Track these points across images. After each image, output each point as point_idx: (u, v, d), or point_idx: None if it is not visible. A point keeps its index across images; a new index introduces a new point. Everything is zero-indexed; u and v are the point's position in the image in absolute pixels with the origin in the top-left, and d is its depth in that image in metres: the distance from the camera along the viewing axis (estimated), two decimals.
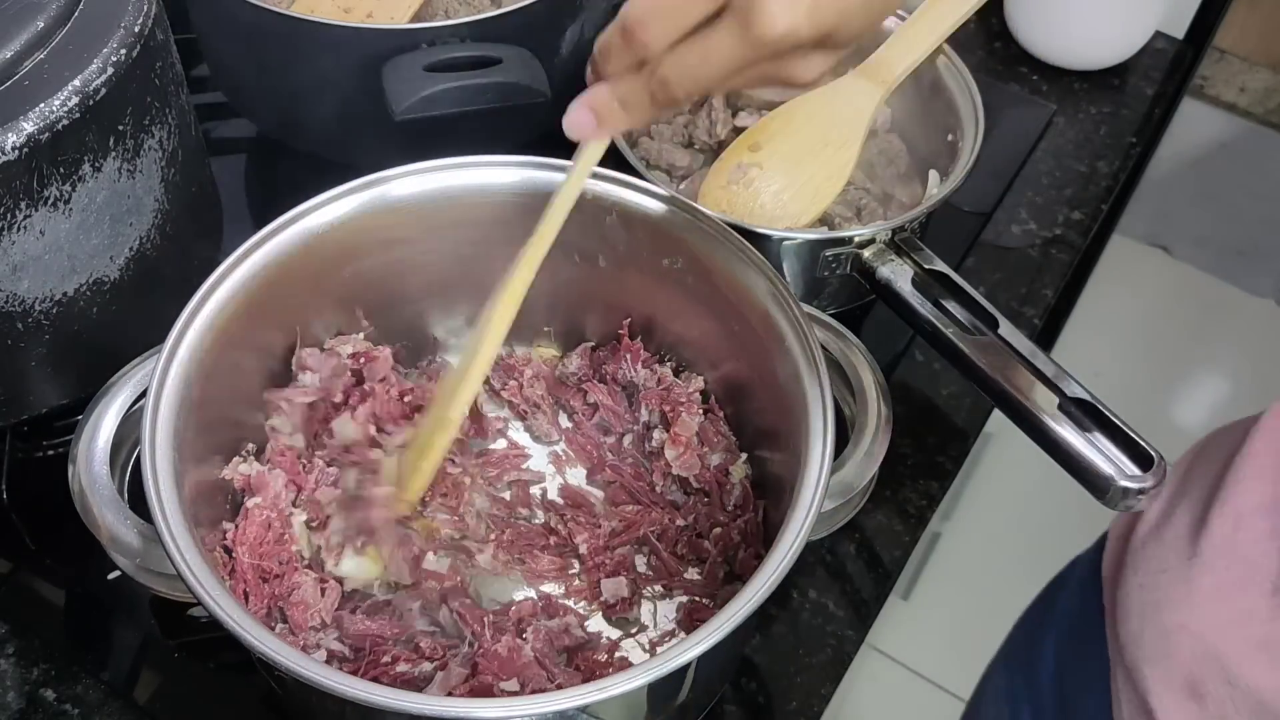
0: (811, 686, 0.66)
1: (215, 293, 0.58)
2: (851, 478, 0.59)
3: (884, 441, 0.60)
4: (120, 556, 0.56)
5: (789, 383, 0.58)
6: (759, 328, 0.60)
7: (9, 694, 0.63)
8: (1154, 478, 0.58)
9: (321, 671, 0.47)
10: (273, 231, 0.60)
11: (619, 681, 0.46)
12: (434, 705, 0.47)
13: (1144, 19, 1.01)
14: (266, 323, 0.62)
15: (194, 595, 0.48)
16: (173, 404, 0.54)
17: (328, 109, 0.79)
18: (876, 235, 0.71)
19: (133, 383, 0.59)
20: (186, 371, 0.56)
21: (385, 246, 0.64)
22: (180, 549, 0.50)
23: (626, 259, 0.65)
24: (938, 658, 1.55)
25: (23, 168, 0.55)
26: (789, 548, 0.50)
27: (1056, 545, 1.63)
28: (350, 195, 0.62)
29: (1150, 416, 1.76)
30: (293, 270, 0.61)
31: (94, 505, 0.55)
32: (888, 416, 0.61)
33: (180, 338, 0.56)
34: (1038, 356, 0.64)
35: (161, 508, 0.51)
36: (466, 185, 0.64)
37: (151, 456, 0.52)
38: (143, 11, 0.61)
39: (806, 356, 0.57)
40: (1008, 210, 0.92)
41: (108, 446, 0.57)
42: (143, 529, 0.55)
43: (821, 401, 0.55)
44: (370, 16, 0.82)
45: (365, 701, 0.45)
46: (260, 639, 0.47)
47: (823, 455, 0.53)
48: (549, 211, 0.56)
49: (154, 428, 0.53)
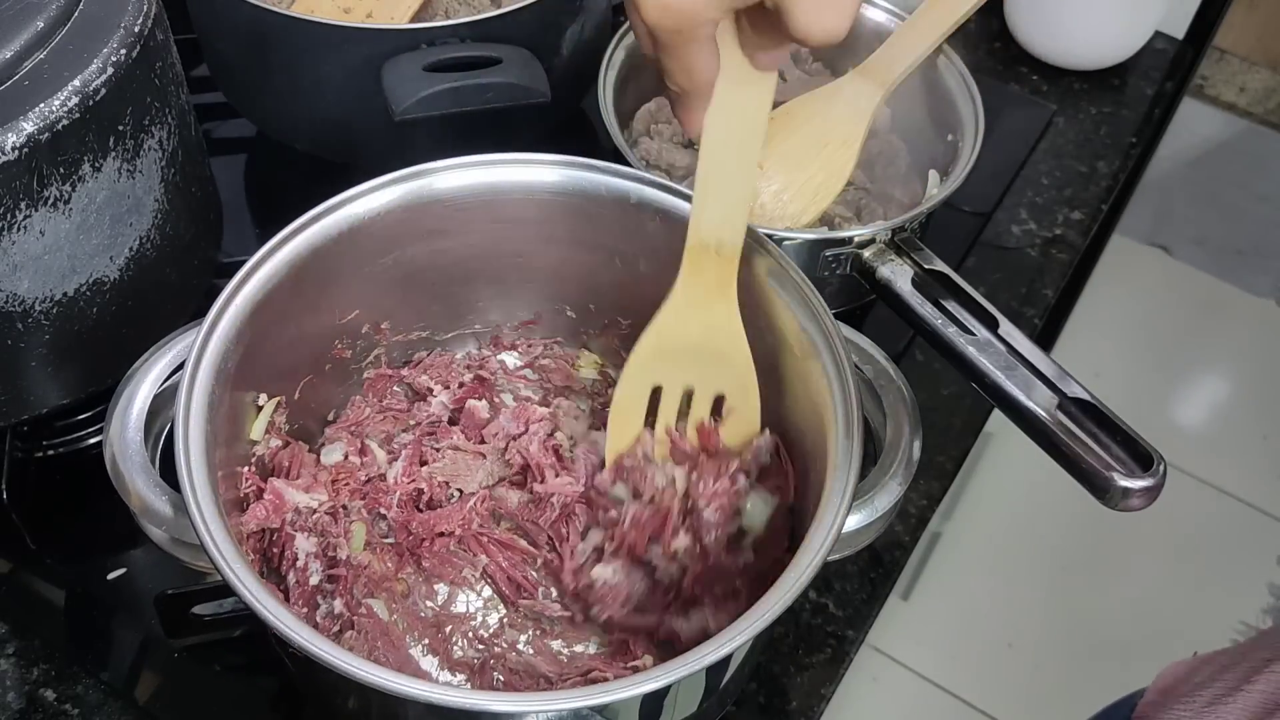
0: (811, 686, 0.66)
1: (259, 270, 0.58)
2: (876, 500, 0.58)
3: (911, 467, 0.59)
4: (151, 526, 0.55)
5: (820, 399, 0.57)
6: (793, 342, 0.60)
7: (9, 694, 0.63)
8: (1154, 478, 0.58)
9: (344, 657, 0.46)
10: (318, 215, 0.60)
11: (620, 686, 0.47)
12: (452, 696, 0.47)
13: (1144, 19, 1.01)
14: (307, 303, 0.62)
15: (214, 565, 0.49)
16: (208, 377, 0.55)
17: (328, 109, 0.79)
18: (876, 235, 0.71)
19: (169, 355, 0.59)
20: (225, 345, 0.56)
21: (428, 237, 0.65)
22: (205, 517, 0.50)
23: (668, 264, 0.65)
24: (938, 658, 1.55)
25: (23, 168, 0.55)
26: (804, 570, 0.50)
27: (1056, 545, 1.64)
28: (394, 185, 0.62)
29: (1150, 416, 1.77)
30: (335, 255, 0.61)
31: (125, 471, 0.55)
32: (917, 445, 0.60)
33: (222, 311, 0.56)
34: (1038, 356, 0.64)
35: (190, 477, 0.51)
36: (509, 182, 0.64)
37: (185, 425, 0.53)
38: (143, 11, 0.61)
39: (839, 375, 0.56)
40: (1008, 210, 0.92)
41: (143, 415, 0.57)
42: (173, 498, 0.55)
43: (849, 420, 0.55)
44: (370, 16, 0.82)
45: (395, 692, 0.45)
46: (276, 614, 0.47)
47: (847, 477, 0.53)
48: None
49: (189, 397, 0.54)
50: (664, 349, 0.60)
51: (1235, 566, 1.67)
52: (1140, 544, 1.64)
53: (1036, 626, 1.58)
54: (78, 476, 0.71)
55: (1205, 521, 1.70)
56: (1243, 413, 1.85)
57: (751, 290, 0.60)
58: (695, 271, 0.58)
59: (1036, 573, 1.64)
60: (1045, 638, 1.57)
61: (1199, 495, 1.73)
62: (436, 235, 0.65)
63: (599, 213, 0.64)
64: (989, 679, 1.54)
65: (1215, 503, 1.73)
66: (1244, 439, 1.80)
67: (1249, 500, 1.74)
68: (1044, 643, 1.57)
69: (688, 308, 0.59)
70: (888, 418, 0.60)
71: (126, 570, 0.67)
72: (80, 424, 0.72)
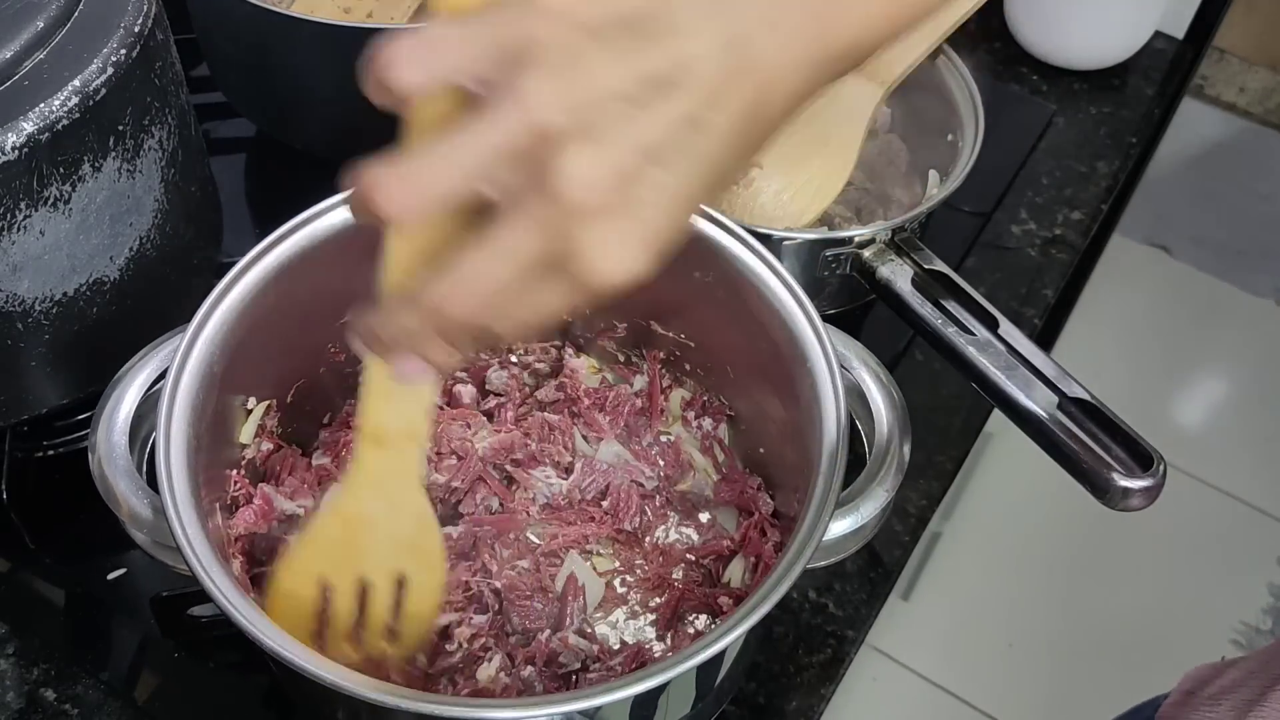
0: (811, 686, 0.66)
1: (246, 275, 0.58)
2: (863, 506, 0.57)
3: (899, 473, 0.58)
4: (136, 530, 0.56)
5: (807, 403, 0.57)
6: (781, 345, 0.59)
7: (9, 694, 0.63)
8: (1154, 478, 0.58)
9: (327, 669, 0.46)
10: (305, 220, 0.60)
11: (610, 689, 0.46)
12: (442, 706, 0.46)
13: (1144, 19, 1.01)
14: (298, 307, 0.62)
15: (190, 569, 0.48)
16: (193, 380, 0.55)
17: (328, 109, 0.79)
18: (876, 235, 0.71)
19: (155, 361, 0.59)
20: (212, 349, 0.56)
21: None
22: (183, 521, 0.50)
23: (659, 268, 0.65)
24: (938, 658, 1.55)
25: (23, 168, 0.55)
26: (783, 576, 0.49)
27: (1056, 545, 1.64)
28: None
29: (1150, 416, 1.76)
30: (324, 258, 0.61)
31: (110, 476, 0.55)
32: (905, 450, 0.59)
33: (207, 317, 0.56)
34: (1038, 356, 0.64)
35: (170, 481, 0.51)
36: None
37: (167, 429, 0.53)
38: (143, 11, 0.61)
39: (828, 379, 0.56)
40: (1008, 210, 0.92)
41: (128, 419, 0.57)
42: (156, 502, 0.54)
43: (836, 425, 0.55)
44: (370, 16, 0.82)
45: (375, 701, 0.45)
46: (254, 623, 0.47)
47: (831, 483, 0.53)
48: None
49: (172, 402, 0.54)
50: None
51: (1235, 566, 1.67)
52: (1140, 544, 1.64)
53: (1037, 626, 1.58)
54: (78, 476, 0.71)
55: (1205, 521, 1.69)
56: (1243, 413, 1.85)
57: (740, 292, 0.60)
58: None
59: (1036, 573, 1.64)
60: (1045, 637, 1.57)
61: (1199, 495, 1.73)
62: None
63: None
64: (989, 679, 1.54)
65: (1215, 503, 1.73)
66: (1244, 439, 1.80)
67: (1249, 500, 1.73)
68: (1044, 643, 1.57)
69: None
70: (876, 423, 0.60)
71: (126, 570, 0.67)
72: (80, 424, 0.72)
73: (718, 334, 0.65)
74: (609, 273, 0.37)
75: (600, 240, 0.37)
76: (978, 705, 1.52)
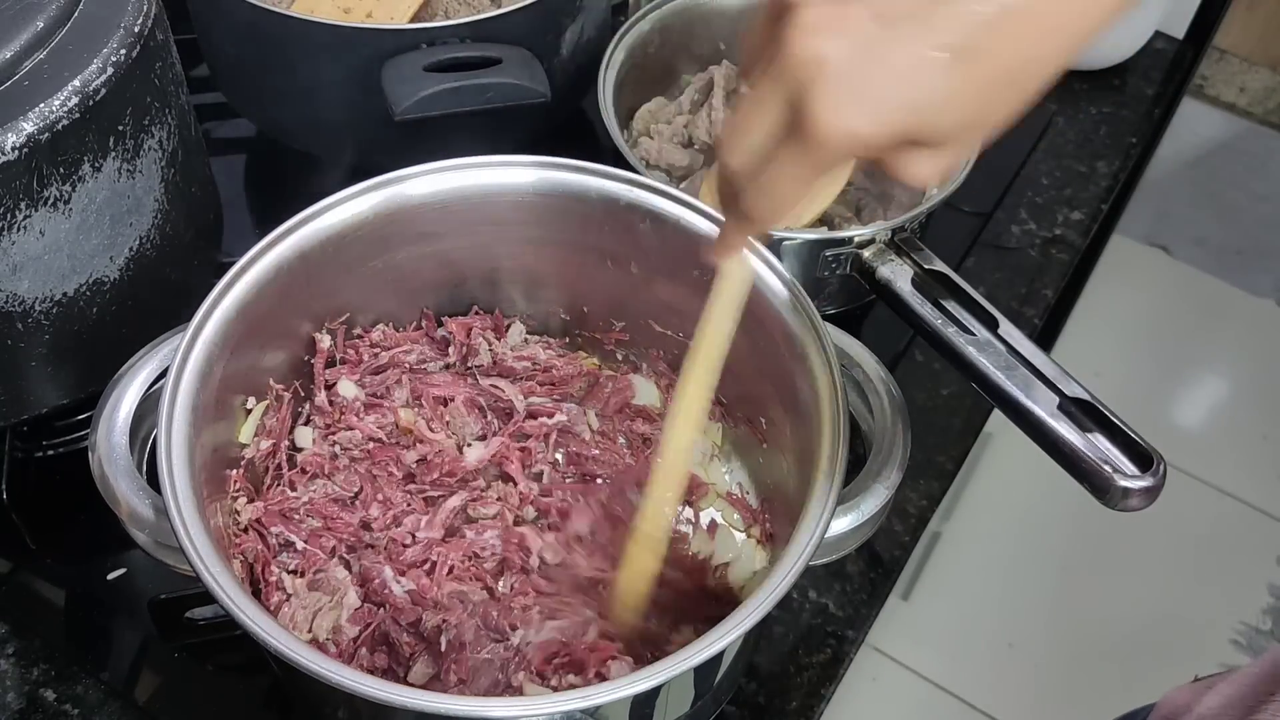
0: (811, 686, 0.66)
1: (244, 275, 0.58)
2: (863, 504, 0.57)
3: (900, 471, 0.58)
4: (136, 530, 0.56)
5: (808, 404, 0.57)
6: (781, 344, 0.60)
7: (9, 694, 0.63)
8: (1154, 478, 0.58)
9: (325, 664, 0.46)
10: (302, 220, 0.61)
11: (610, 689, 0.47)
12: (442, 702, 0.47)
13: (1144, 19, 1.01)
14: (296, 307, 0.63)
15: (192, 568, 0.48)
16: (193, 380, 0.55)
17: (328, 109, 0.79)
18: (876, 235, 0.71)
19: (155, 360, 0.59)
20: (211, 349, 0.56)
21: (416, 240, 0.65)
22: (185, 520, 0.50)
23: (658, 266, 0.65)
24: (938, 658, 1.55)
25: (23, 168, 0.55)
26: (785, 574, 0.49)
27: (1056, 545, 1.64)
28: (368, 194, 0.62)
29: (1150, 416, 1.76)
30: (321, 259, 0.61)
31: (110, 476, 0.55)
32: (905, 448, 0.59)
33: (207, 317, 0.57)
34: (1038, 356, 0.64)
35: (172, 480, 0.51)
36: (484, 185, 0.64)
37: (168, 429, 0.53)
38: (143, 11, 0.61)
39: (828, 377, 0.57)
40: (1008, 210, 0.92)
41: (128, 420, 0.57)
42: (157, 502, 0.55)
43: (835, 423, 0.55)
44: (370, 16, 0.82)
45: (376, 699, 0.45)
46: (256, 621, 0.47)
47: (832, 481, 0.53)
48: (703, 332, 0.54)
49: (173, 402, 0.54)
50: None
51: (1235, 566, 1.67)
52: (1140, 544, 1.64)
53: (1037, 626, 1.58)
54: (78, 476, 0.71)
55: (1205, 521, 1.69)
56: (1243, 413, 1.85)
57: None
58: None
59: (1037, 573, 1.64)
60: (1045, 637, 1.57)
61: (1199, 495, 1.73)
62: (425, 239, 0.65)
63: (589, 215, 0.64)
64: (989, 679, 1.54)
65: (1215, 503, 1.73)
66: (1244, 439, 1.80)
67: (1249, 500, 1.73)
68: (1044, 642, 1.57)
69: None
70: (876, 421, 0.60)
71: (126, 570, 0.67)
72: (80, 424, 0.72)
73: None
74: (832, 126, 0.39)
75: (828, 93, 0.39)
76: (977, 705, 1.52)
